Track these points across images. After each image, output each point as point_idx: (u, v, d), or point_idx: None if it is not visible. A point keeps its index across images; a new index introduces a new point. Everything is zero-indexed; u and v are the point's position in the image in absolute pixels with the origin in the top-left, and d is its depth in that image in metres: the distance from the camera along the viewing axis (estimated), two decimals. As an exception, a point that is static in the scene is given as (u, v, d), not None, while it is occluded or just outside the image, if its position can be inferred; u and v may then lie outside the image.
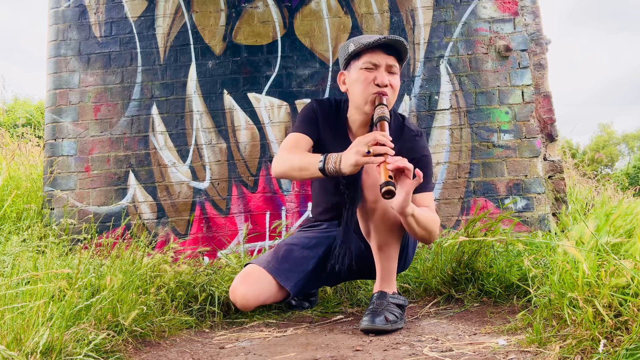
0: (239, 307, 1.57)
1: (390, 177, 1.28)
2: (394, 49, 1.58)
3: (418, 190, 1.53)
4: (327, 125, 1.68)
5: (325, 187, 1.73)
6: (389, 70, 1.57)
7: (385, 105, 1.50)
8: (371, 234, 1.49)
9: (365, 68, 1.56)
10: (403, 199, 1.34)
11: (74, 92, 3.10)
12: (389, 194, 1.26)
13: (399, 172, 1.34)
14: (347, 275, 1.77)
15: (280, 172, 1.56)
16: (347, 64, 1.63)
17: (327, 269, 1.65)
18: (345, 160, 1.37)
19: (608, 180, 5.59)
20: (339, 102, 1.73)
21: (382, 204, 1.44)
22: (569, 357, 1.00)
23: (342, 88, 1.67)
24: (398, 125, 1.66)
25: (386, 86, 1.54)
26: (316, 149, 1.66)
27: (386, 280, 1.52)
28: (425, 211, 1.47)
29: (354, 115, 1.65)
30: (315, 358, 1.19)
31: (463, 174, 2.84)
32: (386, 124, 1.43)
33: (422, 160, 1.59)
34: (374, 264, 1.53)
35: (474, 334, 1.35)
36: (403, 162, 1.32)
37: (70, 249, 2.34)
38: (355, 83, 1.58)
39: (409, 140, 1.62)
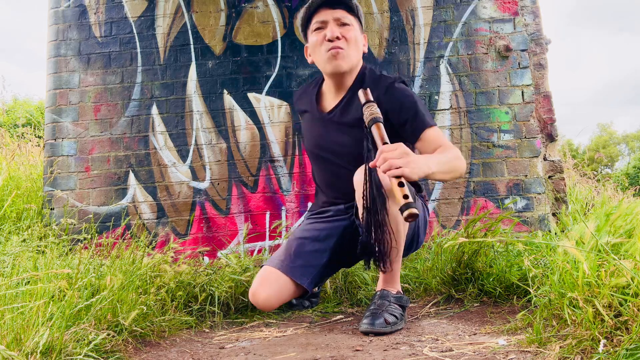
0: (260, 308, 1.58)
1: (405, 196, 1.19)
2: (339, 2, 1.57)
3: (418, 132, 1.47)
4: (304, 105, 1.73)
5: (325, 168, 1.71)
6: (339, 22, 1.56)
7: (373, 102, 1.42)
8: None
9: (315, 29, 1.58)
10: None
11: (74, 92, 3.10)
12: (412, 217, 1.18)
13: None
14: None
15: None
16: (305, 35, 1.66)
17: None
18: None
19: (608, 180, 5.59)
20: (317, 80, 1.76)
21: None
22: (569, 357, 1.00)
23: (309, 60, 1.69)
24: (374, 78, 1.61)
25: (338, 38, 1.54)
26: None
27: (390, 280, 1.52)
28: (441, 156, 1.39)
29: (328, 83, 1.67)
30: (315, 358, 1.19)
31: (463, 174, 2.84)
32: (381, 126, 1.36)
33: (405, 104, 1.51)
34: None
35: (474, 334, 1.35)
36: (400, 171, 1.23)
37: (70, 249, 2.34)
38: (312, 48, 1.61)
39: (387, 89, 1.55)
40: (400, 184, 1.22)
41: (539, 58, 2.90)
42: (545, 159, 2.82)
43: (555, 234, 2.00)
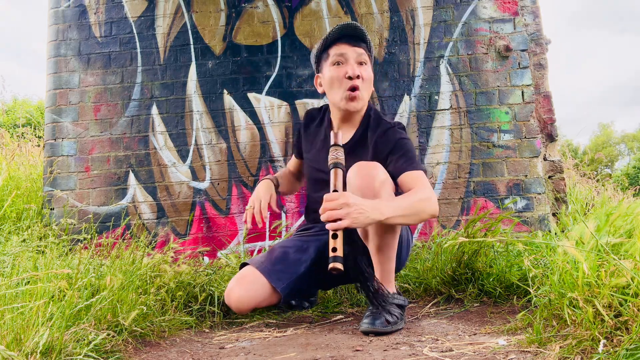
0: (234, 309, 1.58)
1: (334, 249, 1.25)
2: (359, 39, 1.61)
3: (401, 170, 1.50)
4: (309, 134, 1.74)
5: (317, 185, 1.73)
6: (358, 60, 1.59)
7: (340, 147, 1.43)
8: (369, 235, 1.48)
9: (335, 64, 1.59)
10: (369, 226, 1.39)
11: (74, 92, 3.10)
12: (334, 270, 1.24)
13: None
14: (341, 278, 1.77)
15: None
16: (319, 64, 1.68)
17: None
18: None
19: (608, 180, 5.59)
20: (326, 107, 1.78)
21: None
22: (569, 357, 1.00)
23: (319, 90, 1.71)
24: (375, 119, 1.68)
25: (358, 77, 1.57)
26: (303, 157, 1.78)
27: (385, 280, 1.52)
28: (403, 199, 1.40)
29: (335, 113, 1.70)
30: (315, 358, 1.19)
31: (463, 174, 2.84)
32: (339, 173, 1.37)
33: (397, 145, 1.56)
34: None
35: (474, 334, 1.35)
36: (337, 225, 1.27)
37: (70, 249, 2.34)
38: (328, 81, 1.62)
39: (385, 131, 1.61)
40: (334, 236, 1.26)
41: (539, 58, 2.90)
42: (545, 159, 2.82)
43: (555, 234, 2.00)
